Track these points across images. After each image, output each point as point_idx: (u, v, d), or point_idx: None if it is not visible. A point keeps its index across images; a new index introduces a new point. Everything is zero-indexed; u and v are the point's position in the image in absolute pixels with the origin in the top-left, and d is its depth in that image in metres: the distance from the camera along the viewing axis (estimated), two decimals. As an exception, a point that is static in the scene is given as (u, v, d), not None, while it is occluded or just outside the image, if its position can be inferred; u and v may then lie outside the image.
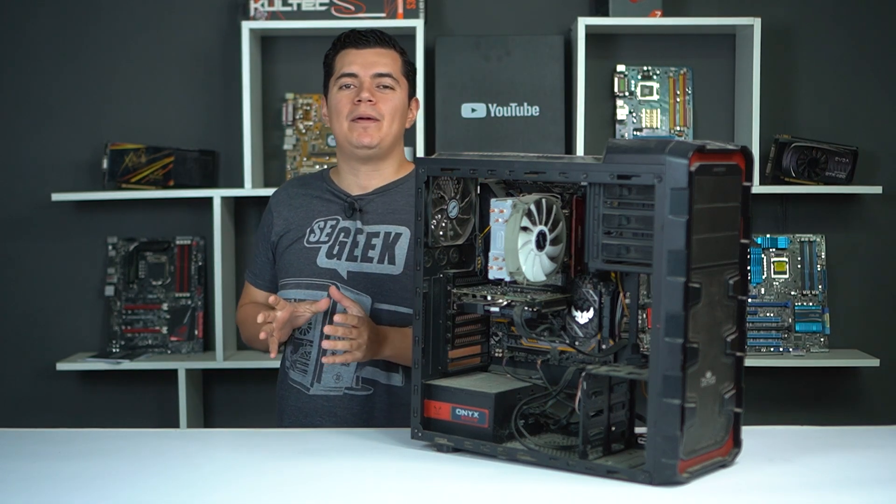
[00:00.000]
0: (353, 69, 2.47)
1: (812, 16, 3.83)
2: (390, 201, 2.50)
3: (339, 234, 2.49)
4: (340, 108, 2.48)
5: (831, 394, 3.86)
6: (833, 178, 3.69)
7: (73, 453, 2.00)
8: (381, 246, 2.45)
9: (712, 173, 1.74)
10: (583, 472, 1.80)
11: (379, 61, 2.48)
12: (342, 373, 2.43)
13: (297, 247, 2.51)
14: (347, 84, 2.48)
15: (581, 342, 1.94)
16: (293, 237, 2.52)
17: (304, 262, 2.48)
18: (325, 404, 2.44)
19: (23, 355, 3.86)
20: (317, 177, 2.62)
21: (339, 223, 2.50)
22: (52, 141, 3.83)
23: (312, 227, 2.51)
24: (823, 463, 1.89)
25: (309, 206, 2.54)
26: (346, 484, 1.81)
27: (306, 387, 2.47)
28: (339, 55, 2.51)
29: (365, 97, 2.45)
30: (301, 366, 2.49)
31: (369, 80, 2.47)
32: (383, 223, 2.48)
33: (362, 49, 2.49)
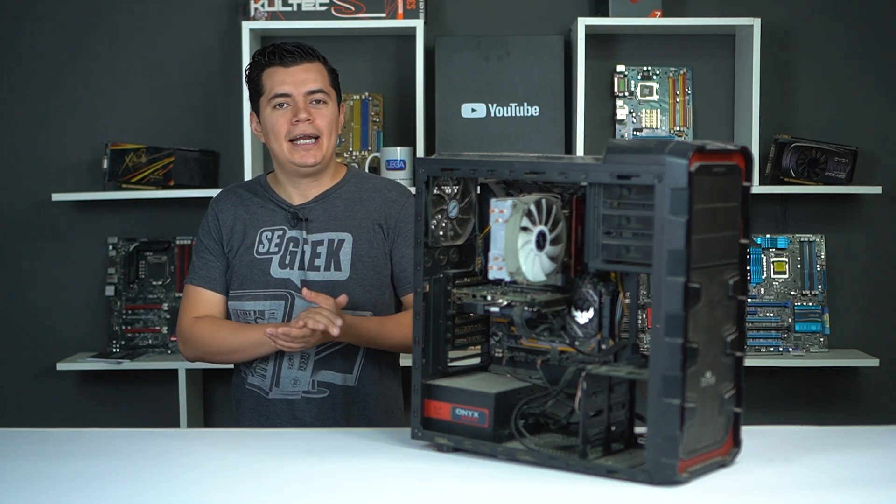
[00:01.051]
0: (284, 89, 2.49)
1: (812, 16, 3.83)
2: (330, 208, 2.55)
3: (289, 243, 2.52)
4: (278, 129, 2.50)
5: (831, 394, 3.86)
6: (833, 178, 3.69)
7: (73, 453, 2.00)
8: (325, 253, 2.51)
9: (712, 173, 1.74)
10: (583, 472, 1.80)
11: (308, 78, 2.50)
12: (299, 377, 2.51)
13: (247, 257, 2.53)
14: (281, 104, 2.50)
15: (581, 342, 1.94)
16: (240, 247, 2.54)
17: (258, 273, 2.52)
18: (285, 407, 2.52)
19: (23, 355, 3.87)
20: (256, 184, 2.62)
21: (287, 233, 2.53)
22: (52, 141, 3.83)
23: (260, 238, 2.54)
24: (823, 463, 1.89)
25: (253, 216, 2.56)
26: (346, 484, 1.81)
27: (265, 391, 2.53)
28: (267, 74, 2.52)
29: (303, 117, 2.48)
30: (260, 371, 2.53)
31: (302, 98, 2.49)
32: (326, 230, 2.53)
33: (290, 67, 2.50)
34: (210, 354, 2.55)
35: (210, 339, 2.52)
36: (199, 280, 2.57)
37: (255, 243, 2.54)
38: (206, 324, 2.53)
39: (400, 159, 3.60)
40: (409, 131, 3.75)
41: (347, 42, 3.80)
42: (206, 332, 2.52)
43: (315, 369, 2.51)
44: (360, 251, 2.52)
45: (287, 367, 2.51)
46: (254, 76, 2.55)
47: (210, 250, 2.58)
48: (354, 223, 2.54)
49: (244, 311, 2.53)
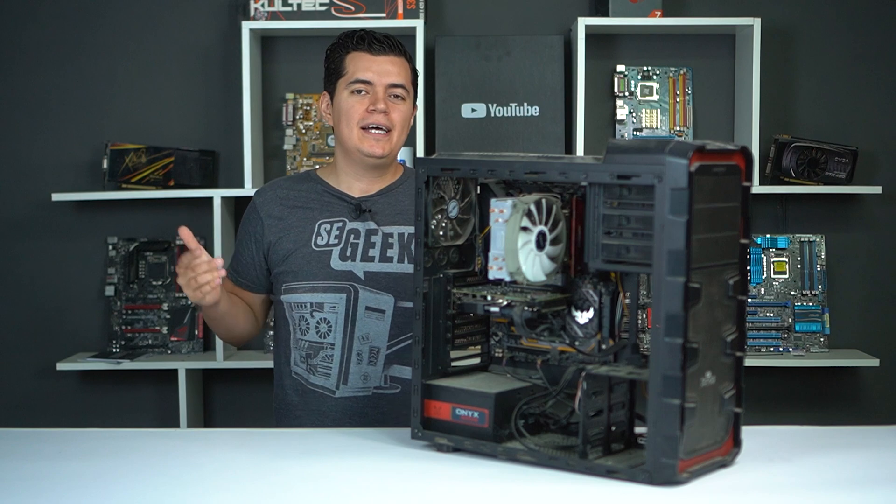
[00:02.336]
0: (368, 76, 2.46)
1: (812, 16, 3.83)
2: (395, 202, 2.51)
3: (349, 235, 2.47)
4: (352, 114, 2.46)
5: (831, 394, 3.86)
6: (833, 178, 3.69)
7: (73, 453, 2.00)
8: (398, 246, 2.46)
9: (712, 173, 1.74)
10: (583, 472, 1.80)
11: (393, 70, 2.47)
12: (370, 373, 2.43)
13: (303, 251, 2.48)
14: (360, 90, 2.46)
15: (581, 342, 1.94)
16: (295, 241, 2.49)
17: (316, 265, 2.46)
18: (354, 406, 2.44)
19: (23, 355, 3.87)
20: (304, 178, 2.58)
21: (347, 224, 2.48)
22: (52, 141, 3.83)
23: (318, 230, 2.49)
24: (823, 463, 1.89)
25: (307, 209, 2.52)
26: (346, 484, 1.81)
27: (331, 390, 2.45)
28: (352, 57, 2.49)
29: (380, 108, 2.45)
30: (323, 370, 2.46)
31: (383, 89, 2.46)
32: (395, 224, 2.49)
33: (378, 56, 2.47)
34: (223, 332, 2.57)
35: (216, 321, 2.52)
36: (231, 272, 2.59)
37: (312, 236, 2.49)
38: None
39: (400, 159, 3.60)
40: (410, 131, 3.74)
41: (347, 42, 3.80)
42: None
43: (386, 364, 2.44)
44: None
45: (356, 362, 2.44)
46: (336, 57, 2.51)
47: (244, 244, 2.56)
48: None
49: (300, 303, 2.46)
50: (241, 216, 3.80)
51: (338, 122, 2.50)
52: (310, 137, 3.80)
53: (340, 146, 2.52)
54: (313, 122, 3.81)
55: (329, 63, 2.54)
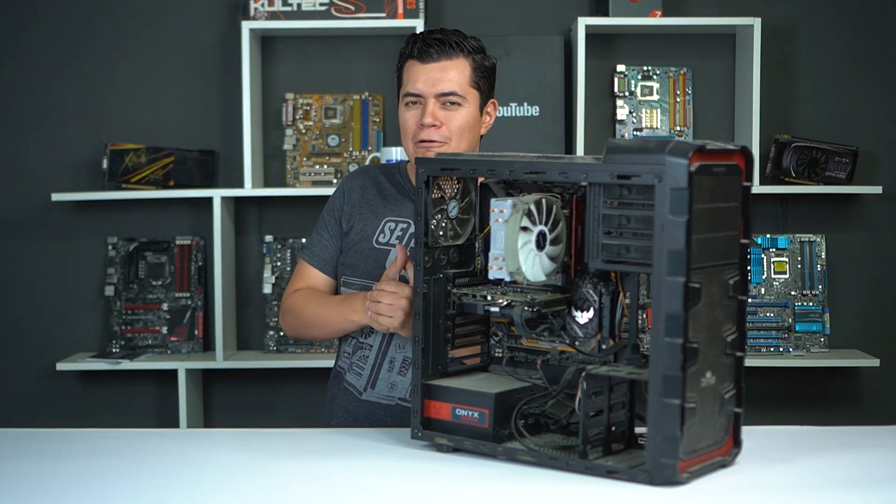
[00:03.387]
0: (416, 88, 2.36)
1: (812, 16, 3.83)
2: None
3: (411, 239, 2.40)
4: (407, 128, 2.40)
5: (831, 394, 3.86)
6: (833, 178, 3.69)
7: (73, 453, 2.00)
8: None
9: (712, 173, 1.74)
10: (583, 472, 1.80)
11: (444, 78, 2.35)
12: (397, 382, 2.37)
13: (364, 246, 2.43)
14: (413, 102, 2.38)
15: (581, 342, 1.94)
16: (360, 233, 2.44)
17: (373, 263, 2.40)
18: (377, 412, 2.38)
19: (23, 355, 3.87)
20: (393, 170, 2.52)
21: (411, 227, 2.42)
22: (52, 141, 3.83)
23: (382, 228, 2.44)
24: (823, 463, 1.89)
25: (381, 203, 2.46)
26: (346, 484, 1.81)
27: (359, 391, 2.41)
28: (407, 67, 2.40)
29: (428, 122, 2.35)
30: (357, 369, 2.42)
31: (434, 100, 2.36)
32: None
33: (426, 63, 2.36)
34: (301, 328, 2.46)
35: (302, 309, 2.43)
36: (310, 257, 2.49)
37: (375, 232, 2.43)
38: (300, 294, 2.46)
39: (400, 159, 3.60)
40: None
41: (347, 42, 3.81)
42: (298, 303, 2.45)
43: None
44: None
45: (387, 369, 2.38)
46: (399, 65, 2.43)
47: (328, 228, 2.49)
48: None
49: None
50: (241, 216, 3.83)
51: (400, 134, 2.45)
52: (310, 137, 3.80)
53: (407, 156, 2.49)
54: (313, 122, 3.81)
55: (396, 71, 2.47)
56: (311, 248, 2.51)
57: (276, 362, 3.67)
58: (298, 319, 2.45)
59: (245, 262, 3.84)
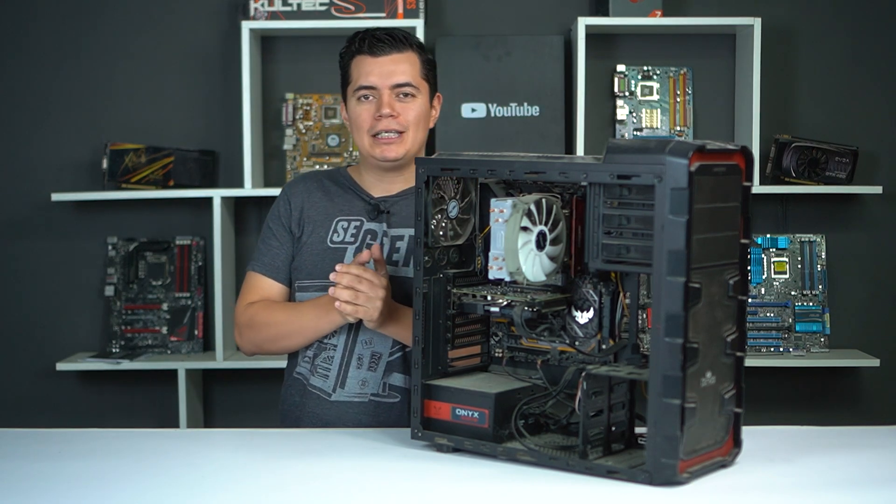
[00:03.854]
0: (370, 81, 2.37)
1: (812, 16, 3.83)
2: (412, 204, 2.43)
3: (366, 235, 2.41)
4: (361, 123, 2.40)
5: (831, 394, 3.86)
6: (833, 178, 3.69)
7: (73, 453, 2.00)
8: (405, 250, 2.40)
9: (712, 173, 1.74)
10: (583, 472, 1.80)
11: (397, 70, 2.38)
12: (368, 378, 2.36)
13: (319, 247, 2.42)
14: (366, 96, 2.39)
15: (581, 342, 1.94)
16: (313, 235, 2.43)
17: (330, 263, 2.36)
18: (349, 411, 2.36)
19: (23, 355, 3.87)
20: (336, 174, 2.53)
21: (364, 224, 2.43)
22: (52, 141, 3.83)
23: (335, 227, 2.43)
24: (823, 463, 1.89)
25: (329, 204, 2.46)
26: (346, 484, 1.81)
27: (327, 392, 2.38)
28: (356, 62, 2.41)
29: (386, 112, 2.36)
30: (322, 371, 2.39)
31: (388, 91, 2.37)
32: (407, 227, 2.41)
33: (379, 57, 2.38)
34: (268, 341, 2.40)
35: (266, 321, 2.38)
36: (262, 267, 2.45)
37: (329, 232, 2.42)
38: (259, 307, 2.41)
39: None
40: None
41: (347, 42, 3.80)
42: (261, 316, 2.39)
43: (387, 371, 2.35)
44: None
45: (356, 366, 2.36)
46: (344, 63, 2.44)
47: (277, 236, 2.45)
48: None
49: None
50: (241, 216, 3.83)
51: (352, 131, 2.45)
52: (310, 137, 3.80)
53: (360, 154, 2.48)
54: (313, 122, 3.80)
55: (340, 70, 2.47)
56: (260, 258, 2.46)
57: (275, 362, 3.66)
58: (264, 332, 2.40)
59: (245, 262, 3.83)
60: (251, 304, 2.43)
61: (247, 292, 2.46)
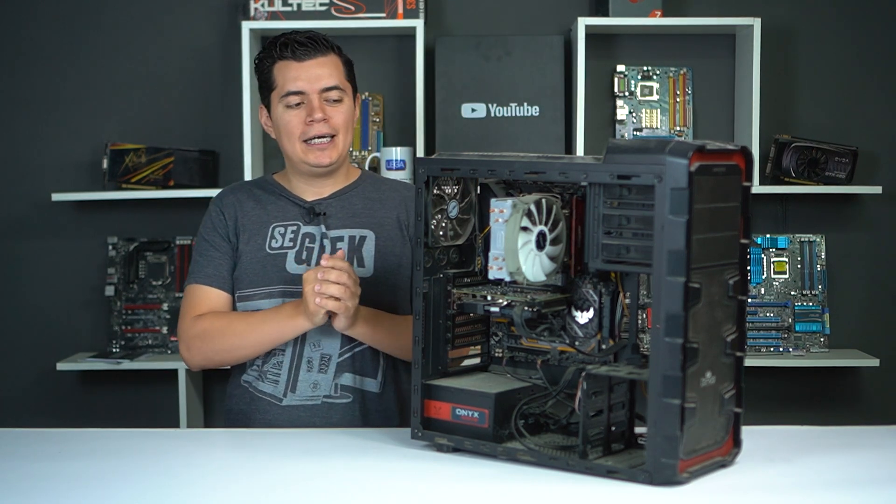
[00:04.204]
0: (298, 86, 2.36)
1: (812, 16, 3.83)
2: (348, 205, 2.45)
3: (304, 239, 2.40)
4: (291, 129, 2.38)
5: (831, 394, 3.86)
6: (833, 178, 3.69)
7: (73, 453, 2.00)
8: (347, 249, 2.40)
9: (712, 173, 1.74)
10: (583, 472, 1.80)
11: (323, 73, 2.37)
12: (319, 381, 2.36)
13: (258, 254, 2.39)
14: (296, 103, 2.37)
15: (581, 342, 1.94)
16: (250, 244, 2.41)
17: (272, 269, 2.38)
18: (301, 415, 2.36)
19: (23, 355, 3.87)
20: (263, 182, 2.51)
21: (301, 228, 2.42)
22: (52, 141, 3.83)
23: (272, 233, 2.41)
24: (823, 463, 1.89)
25: (264, 211, 2.44)
26: (346, 484, 1.81)
27: (278, 398, 2.37)
28: (279, 68, 2.39)
29: (318, 117, 2.35)
30: (272, 376, 2.37)
31: (317, 96, 2.36)
32: (346, 227, 2.42)
33: (304, 61, 2.36)
34: (223, 352, 2.35)
35: (222, 332, 2.34)
36: (206, 278, 2.40)
37: (266, 239, 2.41)
38: (210, 319, 2.36)
39: (400, 159, 3.60)
40: (409, 131, 3.75)
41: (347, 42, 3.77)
42: (215, 327, 2.34)
43: (337, 372, 2.36)
44: (383, 249, 2.41)
45: (306, 370, 2.36)
46: (264, 68, 2.41)
47: (215, 247, 2.43)
48: (375, 221, 2.43)
49: (257, 309, 2.37)
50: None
51: (279, 138, 2.42)
52: (310, 137, 3.81)
53: (289, 160, 2.45)
54: (313, 122, 3.81)
55: (259, 76, 2.44)
56: (201, 270, 2.42)
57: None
58: (218, 343, 2.34)
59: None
60: (199, 316, 2.38)
61: (192, 306, 2.40)
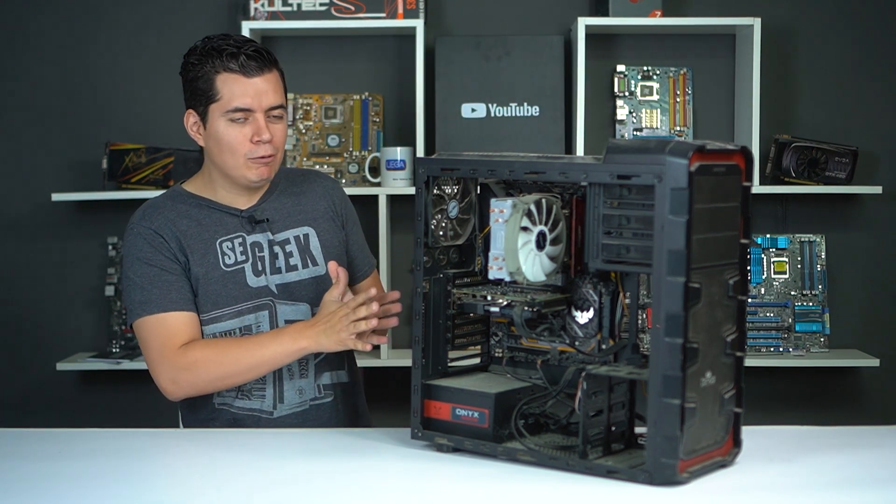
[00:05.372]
0: (245, 103, 2.27)
1: (812, 16, 3.83)
2: (279, 206, 2.41)
3: (254, 248, 2.35)
4: (235, 146, 2.28)
5: (831, 394, 3.86)
6: (833, 178, 3.69)
7: (73, 453, 2.00)
8: (297, 251, 2.38)
9: (712, 173, 1.74)
10: (583, 472, 1.80)
11: (269, 89, 2.29)
12: (303, 386, 2.37)
13: (214, 274, 2.32)
14: (241, 118, 2.28)
15: (581, 342, 1.94)
16: (202, 265, 2.32)
17: (233, 286, 2.32)
18: (292, 422, 2.35)
19: (23, 355, 3.87)
20: (178, 197, 2.39)
21: (247, 239, 2.36)
22: (52, 141, 3.83)
23: (222, 249, 2.34)
24: (823, 463, 1.89)
25: (201, 229, 2.34)
26: (346, 484, 1.81)
27: (268, 412, 2.35)
28: (223, 80, 2.27)
29: (266, 138, 2.28)
30: (258, 392, 2.34)
31: (263, 114, 2.29)
32: (287, 228, 2.39)
33: (252, 77, 2.27)
34: (216, 380, 2.26)
35: (217, 360, 2.25)
36: (171, 304, 2.27)
37: (218, 256, 2.33)
38: (202, 347, 2.26)
39: (400, 159, 3.60)
40: (409, 131, 3.75)
41: (347, 42, 3.81)
42: (207, 356, 2.25)
43: (317, 373, 2.38)
44: (326, 243, 2.42)
45: (288, 378, 2.35)
46: (203, 76, 2.29)
47: (167, 270, 2.29)
48: (309, 216, 2.42)
49: (228, 331, 2.32)
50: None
51: (217, 150, 2.31)
52: (310, 137, 3.80)
53: (220, 169, 2.34)
54: (313, 122, 3.80)
55: (194, 80, 2.30)
56: (164, 297, 2.28)
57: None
58: (213, 372, 2.25)
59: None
60: (186, 346, 2.26)
61: (168, 336, 2.27)
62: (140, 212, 2.38)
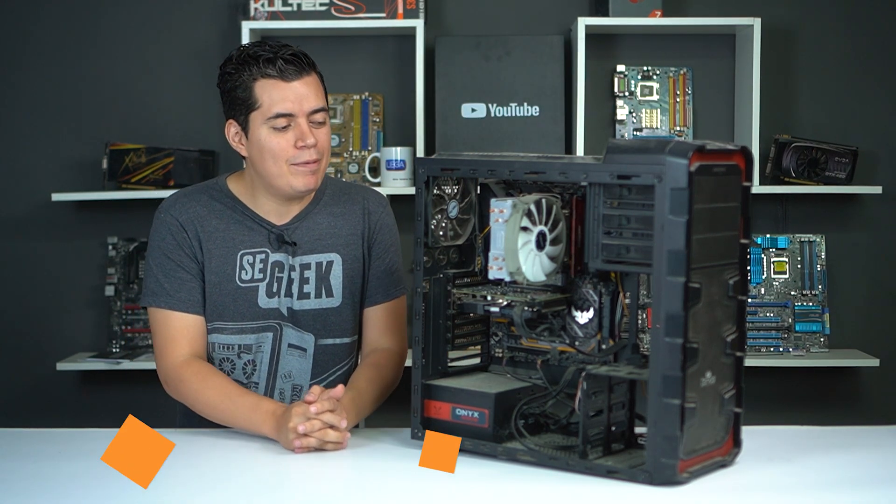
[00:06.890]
0: (287, 108, 2.21)
1: (812, 16, 3.83)
2: (313, 226, 2.33)
3: (274, 269, 2.29)
4: (279, 153, 2.21)
5: (831, 394, 3.86)
6: (833, 178, 3.69)
7: (73, 453, 2.00)
8: (315, 278, 2.30)
9: (712, 173, 1.74)
10: (583, 472, 1.80)
11: (310, 94, 2.23)
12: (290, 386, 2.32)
13: (228, 286, 2.27)
14: (283, 125, 2.21)
15: (581, 342, 1.94)
16: (219, 273, 2.28)
17: (243, 303, 2.27)
18: None
19: (23, 355, 3.86)
20: (216, 193, 2.33)
21: (270, 257, 2.29)
22: (52, 141, 3.83)
23: (241, 263, 2.28)
24: (823, 463, 1.89)
25: (227, 235, 2.29)
26: (346, 484, 1.81)
27: None
28: (262, 86, 2.22)
29: (310, 143, 2.21)
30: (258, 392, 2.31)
31: (305, 119, 2.22)
32: (312, 252, 2.31)
33: (291, 82, 2.22)
34: (193, 407, 2.24)
35: (195, 395, 2.21)
36: (179, 304, 2.26)
37: (236, 269, 2.28)
38: (192, 374, 2.22)
39: (400, 159, 3.60)
40: (409, 131, 3.75)
41: (347, 42, 3.80)
42: (190, 387, 2.21)
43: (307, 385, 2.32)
44: (350, 272, 2.33)
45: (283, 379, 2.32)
46: (241, 84, 2.23)
47: (184, 267, 2.28)
48: (340, 241, 2.33)
49: (227, 345, 2.29)
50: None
51: (259, 159, 2.24)
52: (310, 137, 3.80)
53: (263, 179, 2.27)
54: (313, 122, 3.80)
55: (232, 90, 2.25)
56: (173, 294, 2.27)
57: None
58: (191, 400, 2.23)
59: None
60: (185, 362, 2.24)
61: (171, 338, 2.26)
62: (173, 198, 2.35)
